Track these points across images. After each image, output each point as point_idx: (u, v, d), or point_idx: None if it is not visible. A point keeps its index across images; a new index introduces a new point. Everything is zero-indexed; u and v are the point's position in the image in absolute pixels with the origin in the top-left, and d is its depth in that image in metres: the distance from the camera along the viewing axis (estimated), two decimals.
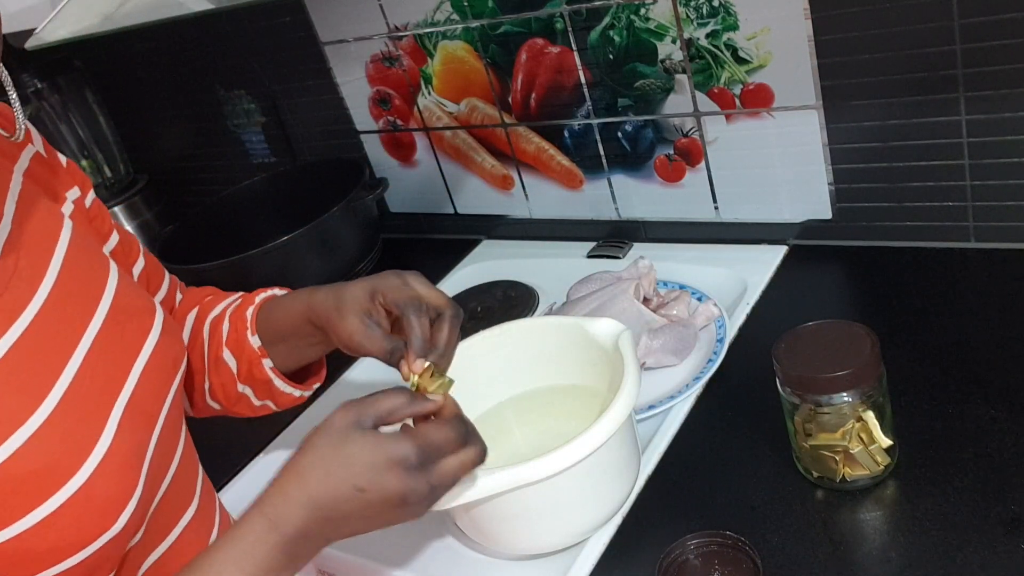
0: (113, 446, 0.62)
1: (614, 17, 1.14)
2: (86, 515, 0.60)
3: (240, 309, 0.87)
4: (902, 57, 0.99)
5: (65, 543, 0.59)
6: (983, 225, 1.05)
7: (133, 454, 0.65)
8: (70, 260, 0.68)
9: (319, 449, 0.64)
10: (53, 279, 0.66)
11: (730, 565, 0.72)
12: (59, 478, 0.59)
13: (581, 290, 1.13)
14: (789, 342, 0.80)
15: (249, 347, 0.85)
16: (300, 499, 0.63)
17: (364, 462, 0.63)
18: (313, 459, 0.64)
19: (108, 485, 0.61)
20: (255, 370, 0.85)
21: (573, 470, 0.74)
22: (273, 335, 0.85)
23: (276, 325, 0.85)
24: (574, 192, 1.34)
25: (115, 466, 0.62)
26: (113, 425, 0.63)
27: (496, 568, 0.85)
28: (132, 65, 1.70)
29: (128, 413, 0.65)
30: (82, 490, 0.59)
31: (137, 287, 0.76)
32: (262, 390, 0.87)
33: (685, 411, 0.96)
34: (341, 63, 1.43)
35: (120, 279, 0.72)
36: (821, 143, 1.09)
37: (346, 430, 0.64)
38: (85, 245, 0.72)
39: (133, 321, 0.71)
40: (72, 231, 0.71)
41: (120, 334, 0.69)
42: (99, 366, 0.65)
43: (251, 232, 1.40)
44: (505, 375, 0.93)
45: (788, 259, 1.16)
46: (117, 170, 1.70)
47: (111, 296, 0.70)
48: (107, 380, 0.66)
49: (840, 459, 0.79)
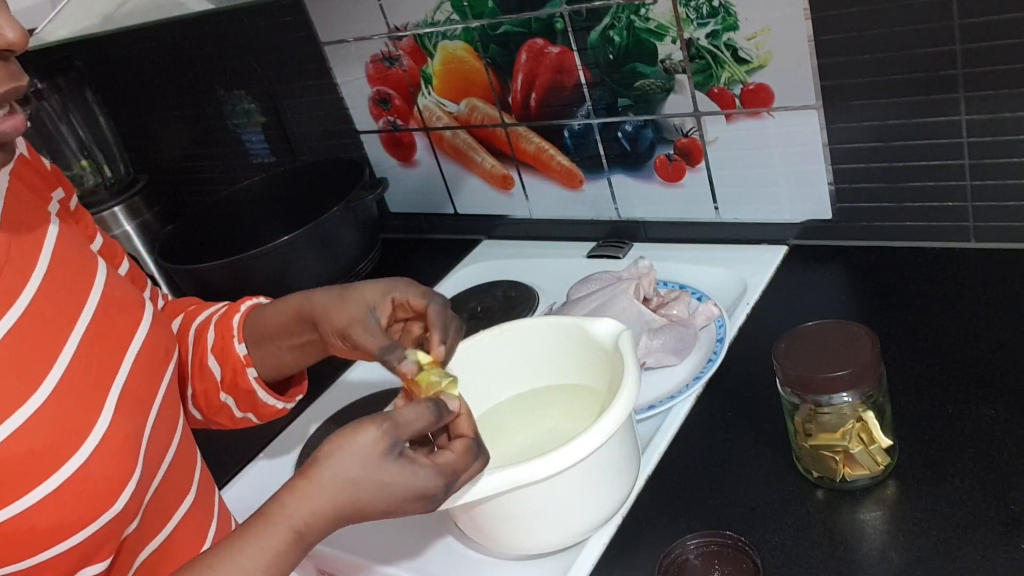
0: (110, 429, 0.64)
1: (614, 17, 1.14)
2: (86, 495, 0.61)
3: (226, 317, 0.88)
4: (902, 57, 0.99)
5: (65, 523, 0.60)
6: (983, 225, 1.05)
7: (130, 436, 0.66)
8: (59, 252, 0.69)
9: (352, 471, 0.66)
10: (44, 270, 0.67)
11: (730, 565, 0.72)
12: (58, 458, 0.60)
13: (581, 290, 1.13)
14: (789, 342, 0.80)
15: (235, 355, 0.85)
16: (328, 516, 0.66)
17: (396, 495, 0.67)
18: (345, 481, 0.66)
19: (107, 466, 0.63)
20: (239, 379, 0.85)
21: (573, 470, 0.74)
22: (260, 335, 0.85)
23: (265, 324, 0.85)
24: (574, 192, 1.34)
25: (113, 447, 0.63)
26: (110, 408, 0.65)
27: (496, 568, 0.85)
28: (132, 65, 1.71)
29: (123, 398, 0.67)
30: (81, 470, 0.61)
31: (126, 282, 0.77)
32: (244, 401, 0.87)
33: (685, 411, 0.96)
34: (341, 63, 1.43)
35: (109, 274, 0.74)
36: (821, 143, 1.09)
37: (382, 457, 0.66)
38: (73, 240, 0.73)
39: (123, 312, 0.72)
40: (59, 227, 0.72)
41: (111, 324, 0.70)
42: (92, 353, 0.67)
43: (251, 232, 1.40)
44: (505, 375, 0.93)
45: (788, 259, 1.16)
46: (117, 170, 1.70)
47: (101, 288, 0.71)
48: (101, 367, 0.67)
49: (840, 459, 0.79)
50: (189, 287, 1.45)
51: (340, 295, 0.80)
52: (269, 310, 0.86)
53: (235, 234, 1.43)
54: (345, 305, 0.79)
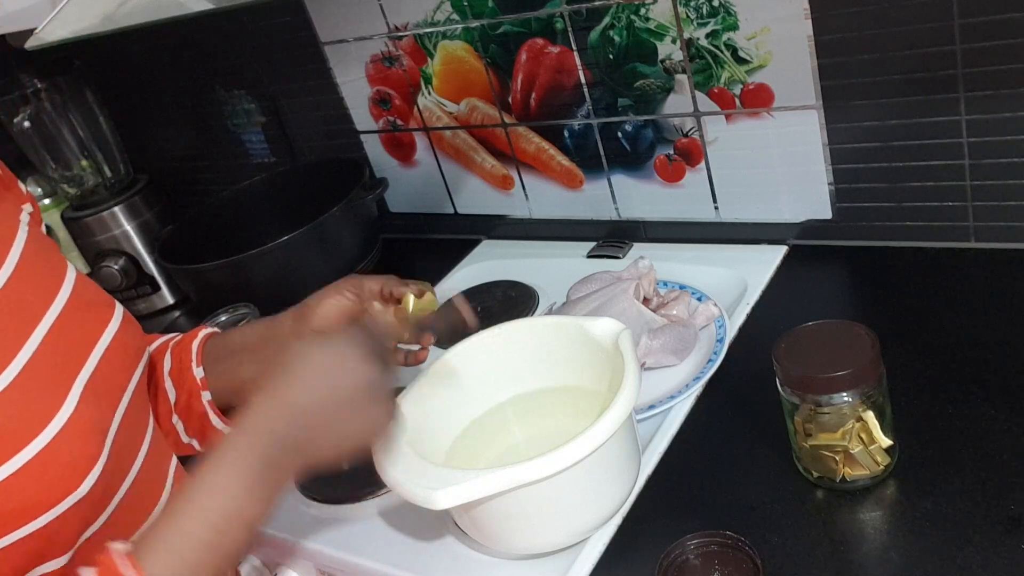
0: (75, 414, 0.65)
1: (614, 17, 1.14)
2: (49, 477, 0.62)
3: (184, 343, 0.89)
4: (902, 57, 0.99)
5: (30, 503, 0.61)
6: (983, 225, 1.05)
7: (96, 423, 0.67)
8: (28, 254, 0.71)
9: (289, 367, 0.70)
10: (11, 269, 0.69)
11: (730, 565, 0.72)
12: (20, 440, 0.61)
13: (581, 290, 1.13)
14: (789, 342, 0.80)
15: (191, 377, 0.86)
16: (276, 406, 0.68)
17: (325, 365, 0.70)
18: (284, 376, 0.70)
19: (71, 449, 0.64)
20: (193, 401, 0.86)
21: (573, 470, 0.74)
22: (222, 352, 0.87)
23: (228, 341, 0.89)
24: (574, 192, 1.34)
25: (78, 432, 0.64)
26: (75, 396, 0.66)
27: (496, 568, 0.85)
28: (132, 65, 1.70)
29: (90, 388, 0.68)
30: (45, 451, 0.62)
31: (96, 285, 0.79)
32: (194, 425, 0.87)
33: (685, 411, 0.96)
34: (341, 63, 1.43)
35: (78, 277, 0.75)
36: (821, 143, 1.09)
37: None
38: (43, 244, 0.75)
39: (92, 310, 0.74)
40: (28, 232, 0.74)
41: (80, 321, 0.72)
42: (59, 346, 0.68)
43: (251, 232, 1.40)
44: (505, 375, 0.93)
45: (788, 259, 1.16)
46: (117, 170, 1.70)
47: (70, 288, 0.73)
48: (67, 358, 0.68)
49: (840, 459, 0.79)
50: (189, 287, 1.45)
51: (318, 298, 0.85)
52: (234, 332, 0.90)
53: (235, 234, 1.43)
54: (320, 300, 0.84)
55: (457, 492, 0.73)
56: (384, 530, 0.93)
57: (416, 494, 0.74)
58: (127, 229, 1.63)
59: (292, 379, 0.69)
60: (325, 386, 0.69)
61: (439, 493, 0.73)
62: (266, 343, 0.85)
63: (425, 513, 0.79)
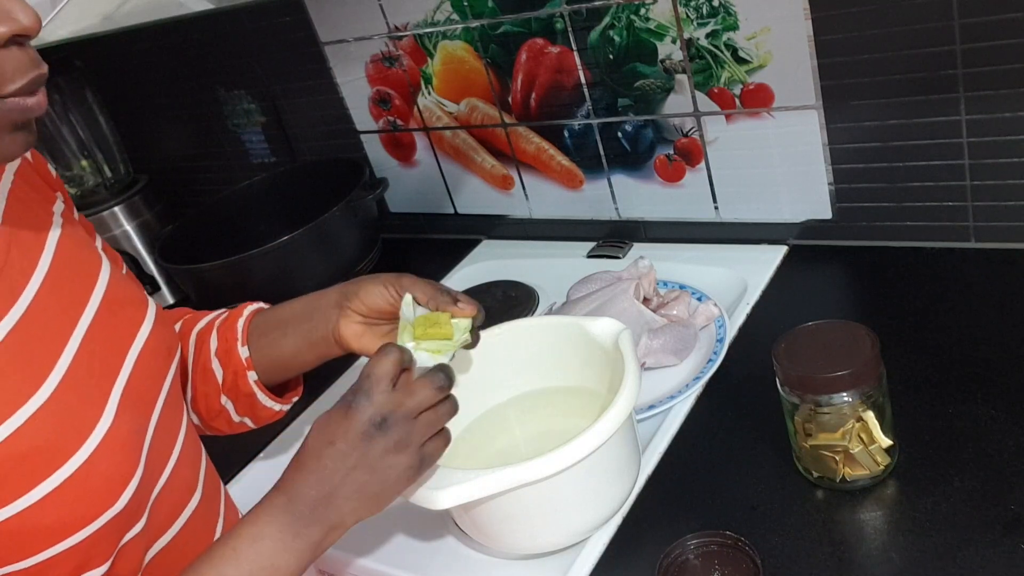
0: (113, 427, 0.64)
1: (614, 17, 1.14)
2: (88, 493, 0.61)
3: (229, 321, 0.88)
4: (902, 57, 0.99)
5: (67, 520, 0.60)
6: (983, 225, 1.05)
7: (133, 435, 0.66)
8: (62, 252, 0.70)
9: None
10: (46, 268, 0.67)
11: (730, 565, 0.72)
12: (61, 456, 0.60)
13: (581, 290, 1.13)
14: (789, 342, 0.80)
15: (237, 357, 0.85)
16: (316, 493, 0.68)
17: (346, 434, 0.69)
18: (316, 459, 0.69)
19: (109, 464, 0.63)
20: (240, 381, 0.86)
21: (573, 470, 0.74)
22: (267, 326, 0.86)
23: (276, 314, 0.87)
24: (574, 192, 1.34)
25: (116, 446, 0.64)
26: (112, 407, 0.65)
27: (496, 568, 0.85)
28: (132, 65, 1.70)
29: (126, 396, 0.67)
30: (83, 468, 0.61)
31: (129, 281, 0.77)
32: (243, 404, 0.87)
33: (685, 411, 0.96)
34: (341, 63, 1.43)
35: (112, 273, 0.74)
36: (821, 143, 1.09)
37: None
38: (76, 239, 0.73)
39: (126, 310, 0.73)
40: (63, 227, 0.72)
41: (114, 323, 0.70)
42: (95, 351, 0.67)
43: (251, 232, 1.40)
44: (505, 375, 0.93)
45: (788, 259, 1.16)
46: (117, 170, 1.70)
47: (104, 287, 0.71)
48: (104, 365, 0.67)
49: (840, 459, 0.79)
50: (189, 287, 1.45)
51: (369, 279, 0.83)
52: (279, 306, 0.88)
53: (235, 234, 1.43)
54: (371, 281, 0.82)
55: (457, 492, 0.73)
56: (384, 530, 0.93)
57: (416, 494, 0.74)
58: (127, 229, 1.63)
59: (301, 474, 0.69)
60: (329, 468, 0.68)
61: (440, 493, 0.73)
62: (310, 316, 0.84)
63: (425, 513, 0.79)
